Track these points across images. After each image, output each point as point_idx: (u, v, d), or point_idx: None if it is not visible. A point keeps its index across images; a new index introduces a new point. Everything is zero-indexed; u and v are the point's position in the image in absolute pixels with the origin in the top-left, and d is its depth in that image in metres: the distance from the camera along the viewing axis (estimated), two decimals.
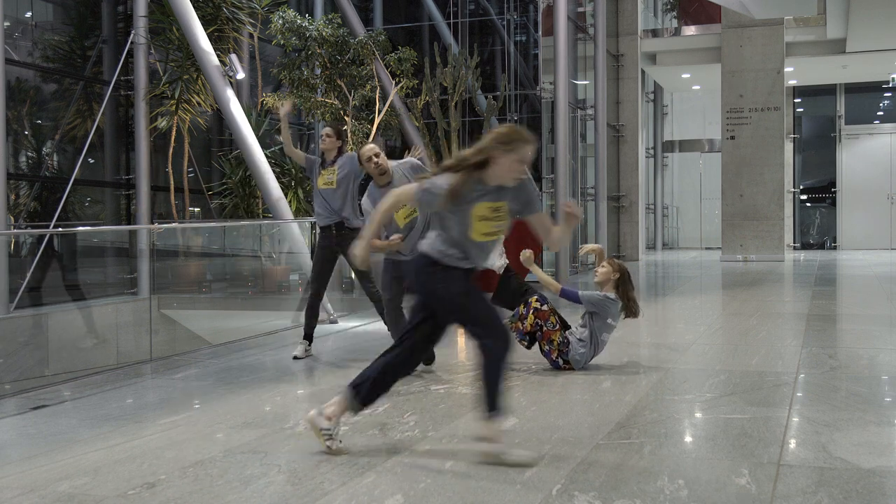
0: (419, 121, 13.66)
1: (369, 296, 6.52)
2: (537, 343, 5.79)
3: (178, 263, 11.36)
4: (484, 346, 3.72)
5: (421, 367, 5.81)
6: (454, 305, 3.80)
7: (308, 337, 6.57)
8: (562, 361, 5.70)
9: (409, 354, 3.90)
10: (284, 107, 6.63)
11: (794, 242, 22.44)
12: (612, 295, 5.71)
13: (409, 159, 5.87)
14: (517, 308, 5.81)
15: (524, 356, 6.06)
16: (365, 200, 5.76)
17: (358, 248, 4.02)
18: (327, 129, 6.50)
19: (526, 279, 6.44)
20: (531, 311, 5.70)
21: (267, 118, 13.26)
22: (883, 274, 13.97)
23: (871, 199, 22.25)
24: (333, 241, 6.47)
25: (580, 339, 5.68)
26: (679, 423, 4.39)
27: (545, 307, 5.71)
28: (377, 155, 5.70)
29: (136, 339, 8.70)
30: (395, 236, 5.50)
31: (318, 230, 6.63)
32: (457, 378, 5.58)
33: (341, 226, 6.44)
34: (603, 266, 5.80)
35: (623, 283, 5.71)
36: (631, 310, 5.74)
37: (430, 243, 3.85)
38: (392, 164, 5.75)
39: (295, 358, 6.48)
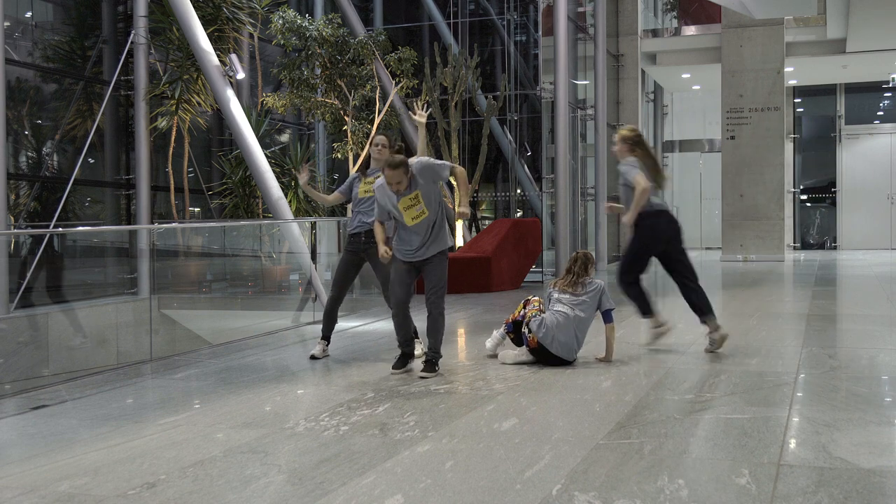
0: None
1: (388, 301, 6.47)
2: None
3: (178, 263, 11.34)
4: None
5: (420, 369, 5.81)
6: None
7: (326, 337, 6.53)
8: (527, 330, 5.91)
9: None
10: (302, 177, 6.55)
11: (795, 242, 22.44)
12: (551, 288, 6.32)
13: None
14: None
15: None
16: (378, 190, 5.74)
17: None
18: (383, 140, 6.28)
19: (524, 280, 6.55)
20: (525, 304, 6.14)
21: (267, 118, 13.27)
22: (883, 274, 13.97)
23: (871, 199, 22.24)
24: (361, 246, 6.42)
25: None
26: (679, 423, 4.39)
27: (538, 301, 6.16)
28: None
29: (136, 339, 8.69)
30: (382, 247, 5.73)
31: (346, 236, 6.56)
32: (457, 378, 5.58)
33: (371, 233, 6.32)
34: None
35: (571, 269, 6.15)
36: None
37: None
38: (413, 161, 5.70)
39: (312, 357, 6.40)
